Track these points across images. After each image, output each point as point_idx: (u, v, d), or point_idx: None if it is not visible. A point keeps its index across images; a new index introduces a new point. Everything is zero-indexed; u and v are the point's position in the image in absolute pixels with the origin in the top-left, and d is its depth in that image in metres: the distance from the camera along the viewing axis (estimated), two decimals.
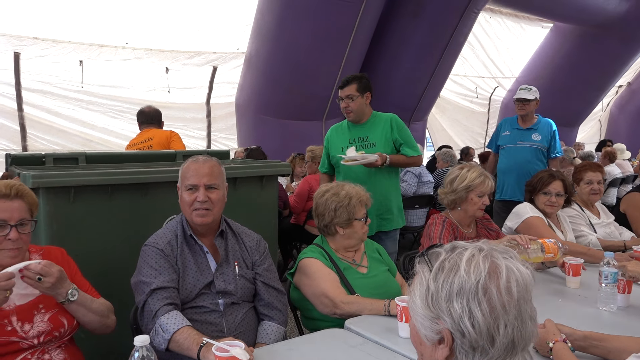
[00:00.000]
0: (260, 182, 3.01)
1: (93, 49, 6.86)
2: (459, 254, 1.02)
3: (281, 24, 6.79)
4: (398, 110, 8.39)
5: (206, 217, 2.03)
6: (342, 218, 2.36)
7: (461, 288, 0.97)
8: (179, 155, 3.32)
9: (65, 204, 2.33)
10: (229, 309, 2.02)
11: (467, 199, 2.68)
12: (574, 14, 9.20)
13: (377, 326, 1.97)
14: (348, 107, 3.39)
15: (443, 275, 1.00)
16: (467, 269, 0.98)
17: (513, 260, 1.02)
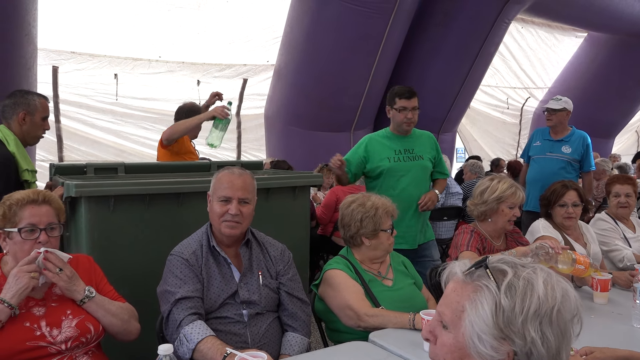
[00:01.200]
0: (293, 192, 3.02)
1: (127, 62, 7.05)
2: (529, 274, 0.99)
3: (310, 36, 6.85)
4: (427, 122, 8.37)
5: (235, 229, 2.06)
6: (368, 229, 2.35)
7: (537, 310, 0.95)
8: (213, 165, 3.39)
9: (105, 212, 2.40)
10: (253, 319, 2.03)
11: (498, 211, 2.63)
12: (609, 23, 8.99)
13: (402, 340, 1.95)
14: (412, 119, 3.36)
15: (518, 295, 0.96)
16: (545, 291, 0.96)
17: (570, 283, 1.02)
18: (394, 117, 3.39)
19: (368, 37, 6.76)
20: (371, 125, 8.24)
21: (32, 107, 2.79)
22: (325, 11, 6.59)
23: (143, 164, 3.33)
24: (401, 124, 3.36)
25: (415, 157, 3.42)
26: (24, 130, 2.78)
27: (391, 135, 3.46)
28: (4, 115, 2.78)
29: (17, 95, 2.81)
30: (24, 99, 2.79)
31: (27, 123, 2.78)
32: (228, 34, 7.38)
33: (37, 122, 2.81)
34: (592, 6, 8.33)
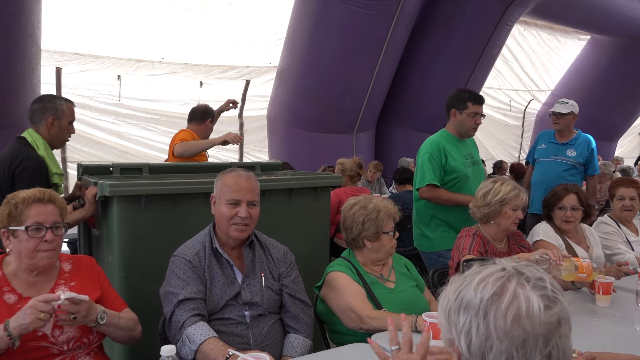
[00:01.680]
0: (314, 192, 3.04)
1: (130, 63, 7.07)
2: (482, 269, 1.01)
3: (312, 38, 6.86)
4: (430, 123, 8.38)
5: (244, 232, 2.07)
6: (370, 231, 2.35)
7: (468, 304, 0.97)
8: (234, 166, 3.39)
9: (136, 211, 2.45)
10: (256, 320, 2.03)
11: (501, 213, 2.63)
12: (612, 25, 8.99)
13: None
14: (479, 125, 3.37)
15: (460, 288, 1.00)
16: (477, 286, 0.98)
17: (529, 288, 0.95)
18: (462, 121, 3.33)
19: (371, 39, 6.77)
20: (373, 127, 8.25)
21: (60, 111, 2.84)
22: (328, 13, 6.61)
23: (167, 165, 3.43)
24: (469, 129, 3.34)
25: (476, 162, 3.43)
26: (52, 134, 2.83)
27: (455, 139, 3.39)
28: (33, 120, 2.83)
29: (45, 100, 2.86)
30: (52, 103, 2.84)
31: (55, 127, 2.83)
32: (231, 35, 7.40)
33: (65, 126, 2.87)
34: (595, 9, 8.33)
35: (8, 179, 2.61)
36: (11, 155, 2.68)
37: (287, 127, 7.67)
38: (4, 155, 2.72)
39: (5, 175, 2.62)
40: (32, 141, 2.77)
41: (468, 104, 3.30)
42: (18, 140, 2.79)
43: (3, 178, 2.63)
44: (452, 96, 3.42)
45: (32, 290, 1.79)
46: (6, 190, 2.50)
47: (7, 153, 2.74)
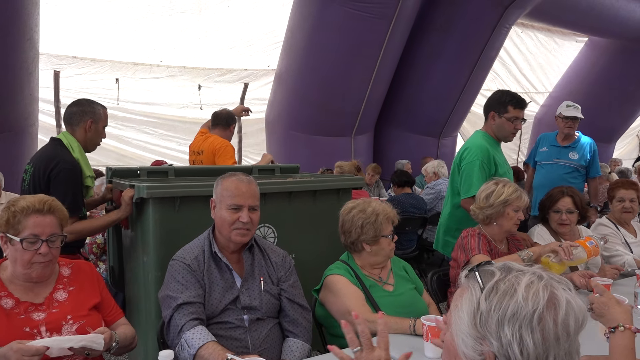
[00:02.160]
0: (337, 194, 3.12)
1: (129, 67, 7.07)
2: (516, 277, 0.98)
3: (311, 41, 6.87)
4: (428, 126, 8.42)
5: (246, 236, 2.08)
6: (369, 235, 2.35)
7: (515, 313, 0.94)
8: (254, 169, 3.54)
9: (171, 212, 2.54)
10: (254, 324, 2.03)
11: (504, 214, 2.66)
12: (609, 27, 9.01)
13: (402, 345, 1.94)
14: (519, 129, 3.26)
15: (497, 297, 0.96)
16: (526, 295, 0.95)
17: (572, 293, 0.98)
18: (501, 125, 3.18)
19: (369, 41, 6.77)
20: (372, 130, 8.25)
21: (98, 115, 2.90)
22: (326, 16, 6.61)
23: (190, 168, 3.60)
24: (508, 135, 3.22)
25: (508, 168, 3.35)
26: (88, 138, 2.88)
27: (495, 143, 3.28)
28: (70, 122, 2.87)
29: (84, 103, 2.91)
30: (91, 107, 2.90)
31: (92, 131, 2.88)
32: (229, 38, 7.40)
33: (100, 130, 2.94)
34: (592, 11, 8.35)
35: (44, 180, 2.66)
36: (47, 156, 2.72)
37: (286, 130, 7.67)
38: (40, 157, 2.77)
39: (41, 177, 2.66)
40: (68, 143, 2.80)
41: (509, 107, 3.14)
42: (54, 142, 2.83)
43: (38, 179, 2.67)
44: (492, 98, 3.27)
45: (30, 294, 1.79)
46: (41, 191, 2.58)
47: (42, 154, 2.79)
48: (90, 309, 1.84)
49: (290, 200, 2.87)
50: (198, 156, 4.36)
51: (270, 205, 2.67)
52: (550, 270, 2.44)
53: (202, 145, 4.36)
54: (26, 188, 2.79)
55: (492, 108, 3.21)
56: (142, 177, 3.08)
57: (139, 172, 3.11)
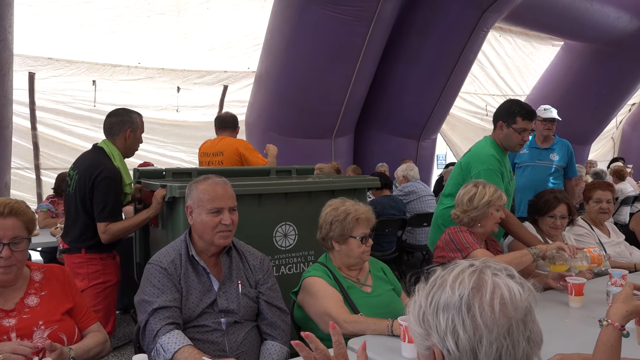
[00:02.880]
0: (354, 193, 3.28)
1: (106, 68, 6.99)
2: (450, 270, 1.02)
3: (290, 44, 6.87)
4: (408, 128, 8.48)
5: (229, 238, 2.08)
6: (336, 232, 2.33)
7: (447, 304, 0.97)
8: (272, 171, 3.72)
9: None
10: (231, 328, 2.02)
11: (488, 215, 2.71)
12: (585, 32, 9.19)
13: (380, 346, 1.95)
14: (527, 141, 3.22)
15: (432, 292, 1.00)
16: (453, 284, 0.98)
17: (504, 277, 0.98)
18: (508, 135, 3.13)
19: (348, 44, 6.80)
20: (352, 132, 8.28)
21: (135, 124, 3.12)
22: (306, 19, 6.62)
23: (211, 169, 3.81)
24: (515, 146, 3.17)
25: (512, 177, 3.36)
26: (128, 145, 3.10)
27: (502, 152, 3.22)
28: (110, 132, 3.08)
29: (121, 114, 3.14)
30: (129, 117, 3.12)
31: (131, 138, 3.10)
32: (208, 40, 7.36)
33: (138, 137, 3.16)
34: (568, 15, 8.50)
35: (88, 186, 2.89)
36: (92, 164, 2.93)
37: (266, 132, 7.65)
38: (83, 163, 2.98)
39: (86, 183, 2.89)
40: (110, 152, 3.01)
41: (517, 118, 3.09)
42: (96, 150, 3.04)
43: (84, 184, 2.90)
44: (502, 107, 3.21)
45: (0, 300, 1.75)
46: (85, 195, 2.90)
47: (86, 161, 2.99)
48: (63, 314, 1.80)
49: (310, 199, 3.08)
50: (215, 157, 4.50)
51: (291, 204, 2.82)
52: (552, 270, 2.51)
53: (218, 146, 4.50)
54: (71, 192, 3.00)
55: (501, 118, 3.16)
56: (167, 177, 3.27)
57: (164, 172, 3.31)
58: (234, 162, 4.33)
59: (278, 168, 3.79)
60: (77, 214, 2.96)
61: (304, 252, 3.14)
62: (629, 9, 8.99)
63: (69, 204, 3.05)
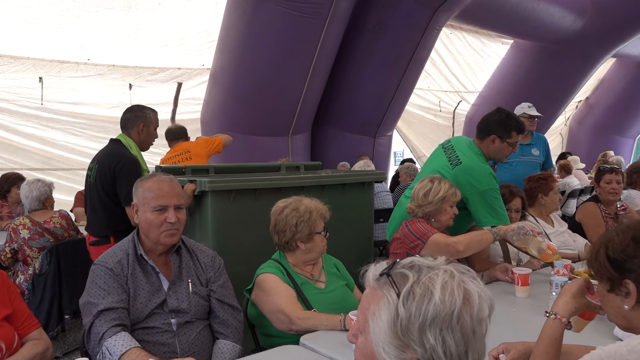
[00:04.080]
0: (362, 187, 3.54)
1: (53, 65, 6.73)
2: (430, 278, 0.97)
3: (245, 40, 6.80)
4: (364, 125, 8.55)
5: (175, 236, 2.04)
6: (304, 233, 2.34)
7: (435, 317, 0.93)
8: (282, 167, 3.93)
9: (227, 203, 2.94)
10: (182, 328, 1.98)
11: (442, 210, 2.76)
12: (531, 31, 9.48)
13: (333, 342, 1.96)
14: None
15: (415, 303, 0.94)
16: (442, 297, 0.94)
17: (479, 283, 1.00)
18: (500, 149, 3.03)
19: (303, 41, 6.79)
20: (309, 130, 8.28)
21: (149, 119, 3.34)
22: (260, 15, 6.57)
23: (228, 166, 4.00)
24: (503, 157, 3.13)
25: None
26: (141, 139, 3.34)
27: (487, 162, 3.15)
28: (125, 127, 3.34)
29: (136, 110, 3.37)
30: (142, 112, 3.34)
31: (144, 133, 3.33)
32: (161, 36, 7.20)
33: (152, 132, 3.39)
34: (515, 15, 8.76)
35: (110, 175, 3.11)
36: (111, 154, 3.19)
37: (222, 130, 7.52)
38: (103, 155, 3.24)
39: (107, 172, 3.11)
40: (126, 143, 3.26)
41: (513, 133, 2.99)
42: (114, 142, 3.30)
43: (105, 174, 3.12)
44: (495, 120, 3.03)
45: None
46: (107, 184, 3.12)
47: (105, 152, 3.26)
48: (1, 320, 1.73)
49: (323, 192, 3.28)
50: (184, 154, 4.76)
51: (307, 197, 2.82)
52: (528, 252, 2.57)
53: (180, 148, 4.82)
54: (92, 183, 3.22)
55: (495, 132, 3.01)
56: (187, 174, 3.45)
57: (184, 170, 3.51)
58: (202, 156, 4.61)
59: (287, 164, 4.00)
60: (102, 203, 3.17)
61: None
62: (573, 9, 9.33)
63: (91, 195, 3.26)
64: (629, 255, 1.29)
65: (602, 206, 3.97)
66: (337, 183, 3.41)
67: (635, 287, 1.28)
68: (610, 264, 1.32)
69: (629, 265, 1.29)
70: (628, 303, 1.30)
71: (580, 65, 10.23)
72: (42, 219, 3.98)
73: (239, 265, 2.84)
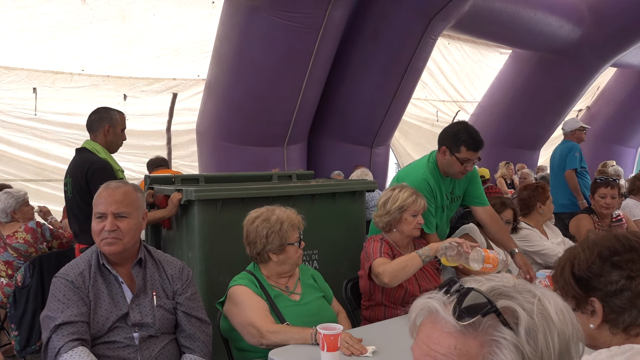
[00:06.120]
0: (354, 196, 3.52)
1: (47, 76, 6.73)
2: (539, 306, 0.80)
3: (240, 51, 6.79)
4: (361, 135, 8.50)
5: (114, 245, 1.92)
6: (275, 244, 2.28)
7: (561, 347, 0.78)
8: (274, 176, 3.85)
9: (214, 213, 2.92)
10: (145, 342, 1.91)
11: (402, 220, 2.65)
12: (529, 40, 9.44)
13: (302, 356, 1.90)
14: (470, 170, 2.96)
15: (540, 338, 0.78)
16: (560, 322, 0.79)
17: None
18: (450, 163, 2.89)
19: (298, 51, 6.77)
20: (305, 140, 8.24)
21: (114, 120, 3.29)
22: (255, 26, 6.56)
23: (219, 175, 3.99)
24: (456, 174, 2.95)
25: (455, 199, 3.14)
26: (108, 141, 3.28)
27: (441, 176, 3.01)
28: (91, 129, 3.30)
29: (100, 111, 3.32)
30: (107, 113, 3.30)
31: (111, 134, 3.28)
32: (156, 47, 7.19)
33: (118, 133, 3.32)
34: (512, 24, 8.72)
35: (84, 184, 3.08)
36: (80, 163, 3.16)
37: (217, 140, 7.52)
38: (74, 165, 3.21)
39: (81, 182, 3.10)
40: (92, 148, 3.23)
41: (462, 148, 2.83)
42: (80, 151, 3.27)
43: (79, 185, 3.11)
44: (449, 131, 2.95)
45: None
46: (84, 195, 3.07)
47: (75, 163, 3.22)
48: None
49: (313, 201, 3.27)
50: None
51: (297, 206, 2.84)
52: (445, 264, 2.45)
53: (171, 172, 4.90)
54: (71, 197, 3.20)
55: (445, 143, 2.91)
56: (176, 183, 3.41)
57: (173, 179, 3.50)
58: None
59: (280, 174, 3.98)
60: (86, 215, 3.03)
61: (309, 252, 3.23)
62: (571, 19, 9.30)
63: (72, 209, 3.24)
64: (595, 273, 1.22)
65: (596, 217, 3.90)
66: (328, 192, 3.36)
67: (601, 306, 1.21)
68: (575, 281, 1.25)
69: (594, 284, 1.22)
70: (594, 322, 1.23)
71: (579, 75, 10.17)
72: (6, 232, 3.91)
73: (226, 276, 2.76)
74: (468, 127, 2.95)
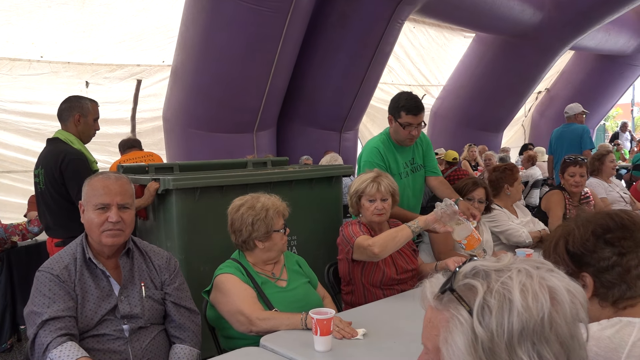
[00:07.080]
0: (330, 182, 3.52)
1: (4, 63, 6.44)
2: (504, 284, 0.79)
3: (206, 36, 6.66)
4: (330, 120, 8.52)
5: (118, 237, 1.91)
6: (261, 232, 2.27)
7: (523, 329, 0.76)
8: (249, 163, 3.85)
9: (192, 201, 2.89)
10: (135, 334, 1.89)
11: (361, 206, 2.65)
12: (492, 24, 9.60)
13: (294, 342, 1.91)
14: (416, 135, 3.06)
15: (494, 317, 0.77)
16: (525, 303, 0.77)
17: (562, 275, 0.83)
18: (397, 131, 3.06)
19: (266, 36, 6.69)
20: (274, 126, 8.19)
21: (85, 109, 3.17)
22: (221, 10, 6.44)
23: (193, 163, 3.94)
24: (404, 140, 3.07)
25: (416, 168, 3.24)
26: (79, 130, 3.15)
27: (395, 145, 3.15)
28: (62, 118, 3.17)
29: (72, 100, 3.19)
30: (78, 102, 3.17)
31: (82, 124, 3.15)
32: (118, 32, 6.98)
33: (90, 122, 3.19)
34: (475, 8, 8.85)
35: (57, 175, 2.96)
36: (53, 154, 3.01)
37: (185, 128, 7.39)
38: (46, 156, 3.06)
39: (55, 174, 2.97)
40: (66, 138, 3.09)
41: (402, 113, 2.99)
42: (53, 141, 3.12)
43: (52, 176, 2.98)
44: (392, 100, 3.14)
45: None
46: (58, 187, 2.98)
47: (48, 154, 3.07)
48: None
49: (291, 188, 3.26)
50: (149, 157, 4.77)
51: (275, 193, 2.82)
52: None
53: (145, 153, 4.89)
54: (43, 189, 3.07)
55: (390, 111, 3.11)
56: (150, 172, 3.37)
57: (147, 168, 3.43)
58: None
59: (255, 160, 3.92)
60: (60, 207, 3.03)
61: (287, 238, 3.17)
62: (532, 3, 9.50)
63: (45, 202, 3.10)
64: (589, 250, 1.27)
65: (567, 194, 4.03)
66: (305, 178, 3.37)
67: (592, 281, 1.27)
68: (569, 257, 1.30)
69: (587, 260, 1.27)
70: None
71: (540, 57, 10.42)
72: None
73: (206, 265, 2.79)
74: (408, 94, 3.15)
